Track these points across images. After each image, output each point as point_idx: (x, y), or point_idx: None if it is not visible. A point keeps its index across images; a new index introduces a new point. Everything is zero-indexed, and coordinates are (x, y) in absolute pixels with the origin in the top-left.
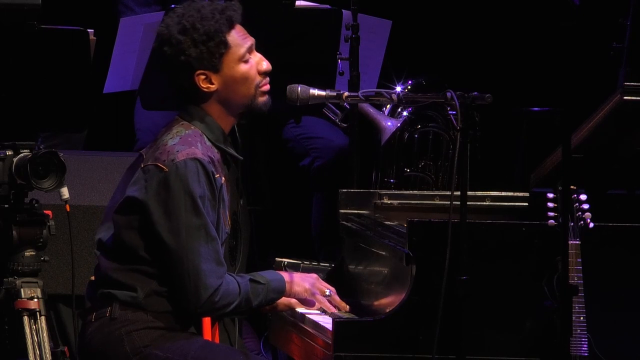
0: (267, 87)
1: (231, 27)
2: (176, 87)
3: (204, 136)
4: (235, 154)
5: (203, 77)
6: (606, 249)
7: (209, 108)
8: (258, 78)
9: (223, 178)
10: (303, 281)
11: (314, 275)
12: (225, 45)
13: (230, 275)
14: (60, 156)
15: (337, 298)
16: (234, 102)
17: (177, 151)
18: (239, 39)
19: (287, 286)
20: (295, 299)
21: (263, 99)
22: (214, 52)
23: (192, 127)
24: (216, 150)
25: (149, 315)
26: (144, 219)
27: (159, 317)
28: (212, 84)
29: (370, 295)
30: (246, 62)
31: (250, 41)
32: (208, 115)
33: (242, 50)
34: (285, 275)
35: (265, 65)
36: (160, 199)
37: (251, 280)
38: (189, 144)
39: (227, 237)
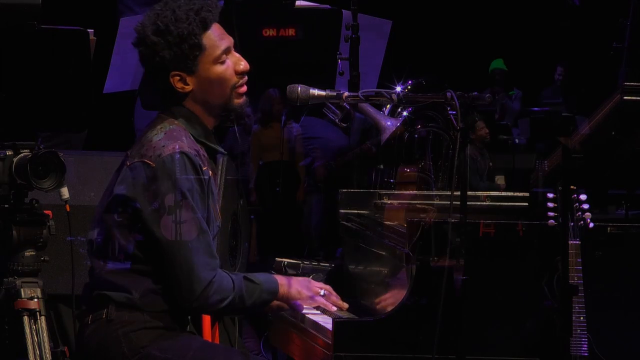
0: (244, 89)
1: (206, 28)
2: (154, 86)
3: (187, 132)
4: (220, 149)
5: (178, 78)
6: (606, 249)
7: (189, 107)
8: (234, 79)
9: (210, 171)
10: (297, 284)
11: (306, 279)
12: (200, 47)
13: (224, 271)
14: (60, 156)
15: (333, 298)
16: (211, 102)
17: (163, 146)
18: (215, 39)
19: (282, 289)
20: (290, 302)
21: (239, 100)
22: (188, 55)
23: (176, 123)
24: (200, 146)
25: (146, 315)
26: (134, 216)
27: (156, 317)
28: (187, 84)
29: (370, 295)
30: (222, 63)
31: (227, 42)
32: (190, 112)
33: (218, 51)
34: (279, 278)
35: (243, 65)
36: (149, 194)
37: (245, 278)
38: (174, 138)
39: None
